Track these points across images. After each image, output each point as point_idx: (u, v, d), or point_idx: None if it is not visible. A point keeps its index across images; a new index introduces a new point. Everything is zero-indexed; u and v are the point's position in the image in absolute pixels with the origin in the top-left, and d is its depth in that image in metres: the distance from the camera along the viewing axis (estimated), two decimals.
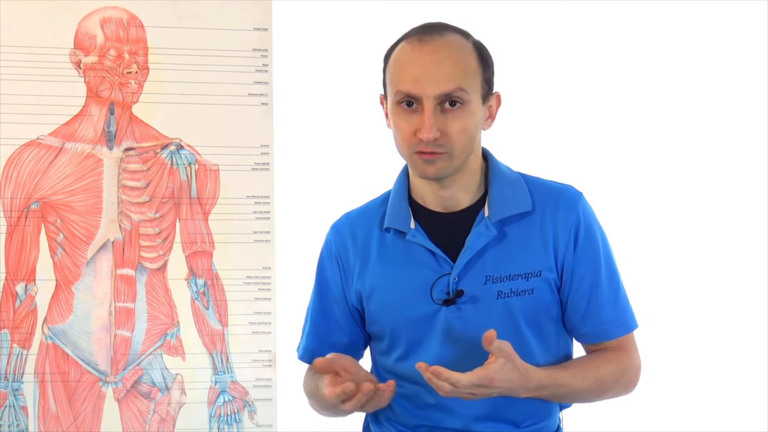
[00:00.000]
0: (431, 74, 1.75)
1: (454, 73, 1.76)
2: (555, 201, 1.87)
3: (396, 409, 1.91)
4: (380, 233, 1.91)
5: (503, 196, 1.86)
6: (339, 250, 1.95)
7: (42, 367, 2.57)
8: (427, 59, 1.76)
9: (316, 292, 2.00)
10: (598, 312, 1.88)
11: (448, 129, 1.76)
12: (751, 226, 2.98)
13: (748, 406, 2.92)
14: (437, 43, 1.78)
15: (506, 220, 1.85)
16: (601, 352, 1.90)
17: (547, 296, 1.85)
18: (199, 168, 2.66)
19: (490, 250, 1.83)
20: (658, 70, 2.98)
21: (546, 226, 1.85)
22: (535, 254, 1.84)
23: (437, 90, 1.75)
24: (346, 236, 1.95)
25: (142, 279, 2.61)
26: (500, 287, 1.82)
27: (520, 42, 2.81)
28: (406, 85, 1.77)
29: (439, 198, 1.87)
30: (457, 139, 1.78)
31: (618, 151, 2.95)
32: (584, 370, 1.87)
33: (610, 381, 1.88)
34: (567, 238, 1.85)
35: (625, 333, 1.90)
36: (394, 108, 1.80)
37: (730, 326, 2.95)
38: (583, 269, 1.86)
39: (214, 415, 2.63)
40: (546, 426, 1.90)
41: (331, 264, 1.97)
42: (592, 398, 1.90)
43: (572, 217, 1.86)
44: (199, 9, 2.67)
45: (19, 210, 2.58)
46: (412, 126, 1.78)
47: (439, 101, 1.76)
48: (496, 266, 1.83)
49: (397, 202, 1.90)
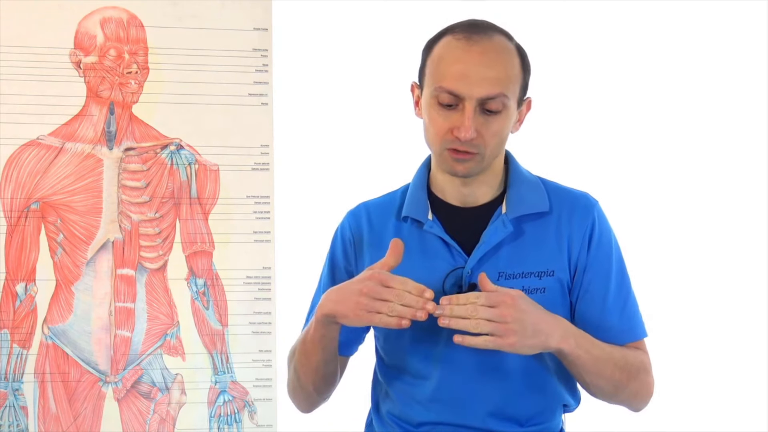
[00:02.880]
0: (478, 76, 1.75)
1: (499, 77, 1.76)
2: (572, 205, 1.89)
3: (399, 405, 1.91)
4: (397, 223, 1.91)
5: (522, 195, 1.87)
6: (354, 235, 1.95)
7: (42, 367, 2.57)
8: (475, 59, 1.76)
9: (327, 274, 1.99)
10: (605, 317, 1.88)
11: (484, 131, 1.77)
12: (755, 232, 2.98)
13: (748, 406, 2.93)
14: (486, 45, 1.78)
15: (523, 218, 1.85)
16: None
17: (558, 297, 1.86)
18: (199, 168, 2.66)
19: (505, 247, 1.84)
20: (664, 77, 2.99)
21: (562, 227, 1.86)
22: (549, 254, 1.85)
23: (482, 92, 1.75)
24: (363, 222, 1.95)
25: (142, 279, 2.61)
26: (513, 284, 1.82)
27: (533, 45, 2.81)
28: (451, 82, 1.76)
29: (459, 193, 1.88)
30: (491, 142, 1.79)
31: (626, 158, 2.96)
32: (610, 345, 1.84)
33: (634, 366, 1.84)
34: (581, 240, 1.86)
35: (630, 340, 1.89)
36: (432, 102, 1.79)
37: (730, 326, 2.95)
38: (593, 272, 1.87)
39: (214, 415, 2.63)
40: (549, 427, 1.90)
41: (344, 248, 1.96)
42: (617, 380, 1.83)
43: (588, 221, 1.87)
44: (199, 9, 2.67)
45: (19, 210, 2.58)
46: (449, 123, 1.77)
47: (480, 103, 1.76)
48: (510, 263, 1.83)
49: (416, 193, 1.90)
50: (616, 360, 1.83)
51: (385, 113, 2.73)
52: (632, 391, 1.87)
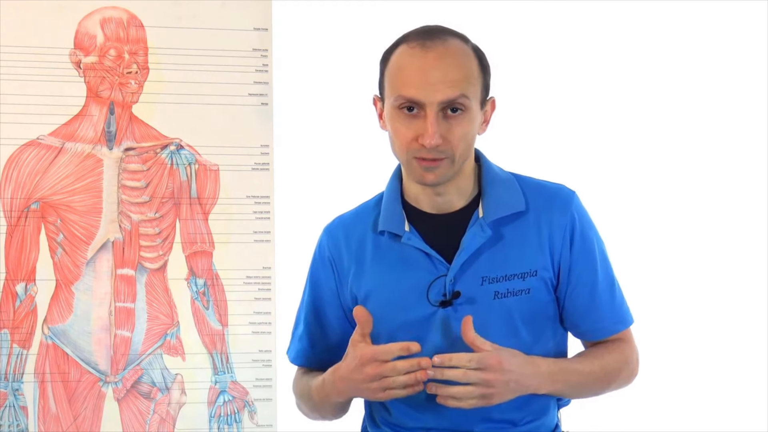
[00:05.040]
0: (436, 80, 1.75)
1: (457, 79, 1.76)
2: (549, 201, 1.88)
3: (393, 411, 1.91)
4: (375, 236, 1.91)
5: (497, 197, 1.86)
6: (332, 253, 1.95)
7: (42, 367, 2.57)
8: (431, 65, 1.76)
9: (309, 295, 2.00)
10: (597, 309, 1.89)
11: (449, 135, 1.77)
12: (748, 224, 2.98)
13: (748, 406, 2.92)
14: (440, 49, 1.78)
15: (501, 220, 1.85)
16: (602, 343, 1.92)
17: (544, 295, 1.86)
18: (199, 168, 2.66)
19: (485, 251, 1.84)
20: (652, 70, 2.98)
21: (541, 225, 1.86)
22: (530, 254, 1.85)
23: (441, 96, 1.75)
24: (340, 239, 1.95)
25: (142, 279, 2.61)
26: (497, 287, 1.83)
27: (510, 43, 2.81)
28: (409, 90, 1.76)
29: (433, 201, 1.87)
30: (458, 145, 1.78)
31: (608, 147, 2.95)
32: (590, 358, 1.89)
33: (614, 370, 1.89)
34: (562, 237, 1.86)
35: (623, 329, 1.93)
36: (394, 112, 1.80)
37: (730, 325, 2.95)
38: (580, 268, 1.87)
39: (214, 415, 2.63)
40: (543, 423, 1.90)
41: (324, 267, 1.96)
42: (598, 389, 1.91)
43: (567, 217, 1.87)
44: (199, 9, 2.67)
45: (19, 210, 2.58)
46: (412, 131, 1.77)
47: (441, 107, 1.76)
48: (491, 267, 1.83)
49: (390, 205, 1.90)
50: (596, 375, 1.87)
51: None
52: (614, 387, 1.93)
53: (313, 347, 1.99)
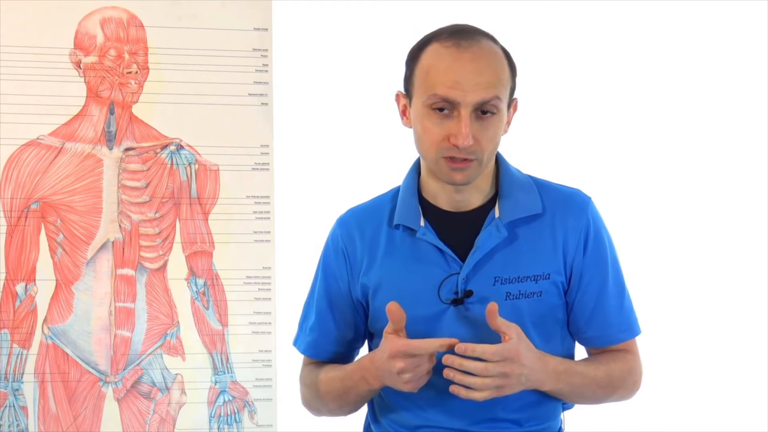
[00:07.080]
0: (471, 81, 1.75)
1: (492, 81, 1.76)
2: (565, 205, 1.88)
3: (397, 409, 1.91)
4: (389, 229, 1.90)
5: (514, 198, 1.86)
6: (346, 244, 1.94)
7: (42, 367, 2.57)
8: (467, 66, 1.76)
9: (321, 285, 1.98)
10: (604, 316, 1.89)
11: (480, 137, 1.77)
12: (752, 229, 2.98)
13: (748, 406, 2.92)
14: (475, 50, 1.78)
15: (516, 222, 1.85)
16: (608, 352, 1.92)
17: (555, 299, 1.86)
18: (199, 168, 2.66)
19: (499, 252, 1.84)
20: (661, 74, 2.98)
21: (556, 229, 1.86)
22: (544, 257, 1.85)
23: (477, 98, 1.75)
24: (354, 230, 1.94)
25: (142, 279, 2.61)
26: (509, 288, 1.82)
27: (524, 44, 2.81)
28: (444, 89, 1.75)
29: (452, 199, 1.87)
30: (487, 147, 1.79)
31: (619, 154, 2.95)
32: (595, 364, 1.88)
33: (619, 378, 1.89)
34: (577, 242, 1.86)
35: (629, 338, 1.92)
36: (424, 110, 1.79)
37: (730, 326, 2.95)
38: (592, 274, 1.87)
39: (214, 415, 2.63)
40: (549, 427, 1.90)
41: (337, 257, 1.95)
42: (600, 395, 1.90)
43: (582, 222, 1.87)
44: (199, 9, 2.67)
45: (19, 210, 2.58)
46: (444, 130, 1.77)
47: (474, 108, 1.76)
48: (505, 267, 1.83)
49: (407, 200, 1.90)
50: (599, 380, 1.87)
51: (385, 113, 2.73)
52: (616, 398, 1.92)
53: (326, 338, 1.98)
